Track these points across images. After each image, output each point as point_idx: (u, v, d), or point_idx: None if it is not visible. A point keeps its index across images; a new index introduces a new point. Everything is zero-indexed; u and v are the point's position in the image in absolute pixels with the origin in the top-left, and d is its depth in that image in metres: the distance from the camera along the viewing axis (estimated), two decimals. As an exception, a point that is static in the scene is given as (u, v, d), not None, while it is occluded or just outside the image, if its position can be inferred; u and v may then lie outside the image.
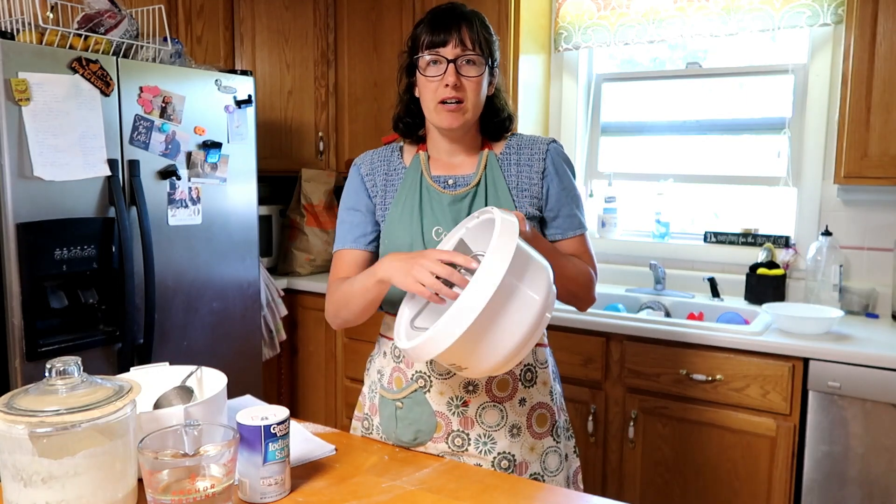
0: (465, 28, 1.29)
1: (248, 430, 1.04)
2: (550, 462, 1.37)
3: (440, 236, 1.33)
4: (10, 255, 1.93)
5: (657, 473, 2.25)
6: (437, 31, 1.29)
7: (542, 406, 1.36)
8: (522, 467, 1.33)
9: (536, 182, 1.36)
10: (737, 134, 2.76)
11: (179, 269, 2.35)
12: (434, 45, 1.29)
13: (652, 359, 2.21)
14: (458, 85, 1.29)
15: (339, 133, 3.27)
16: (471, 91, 1.30)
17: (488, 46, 1.33)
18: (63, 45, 2.04)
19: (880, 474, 1.94)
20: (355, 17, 3.14)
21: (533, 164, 1.37)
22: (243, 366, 2.60)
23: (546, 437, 1.37)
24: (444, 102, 1.29)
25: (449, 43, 1.28)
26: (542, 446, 1.36)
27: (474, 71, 1.30)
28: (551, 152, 1.38)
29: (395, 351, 1.38)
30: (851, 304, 2.41)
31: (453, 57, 1.28)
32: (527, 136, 1.42)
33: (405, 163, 1.43)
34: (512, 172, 1.37)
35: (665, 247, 2.82)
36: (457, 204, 1.34)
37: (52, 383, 0.97)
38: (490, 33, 1.35)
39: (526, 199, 1.36)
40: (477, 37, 1.30)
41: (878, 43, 2.11)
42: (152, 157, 2.23)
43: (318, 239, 3.23)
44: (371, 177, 1.44)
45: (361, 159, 1.48)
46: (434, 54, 1.29)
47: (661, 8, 2.68)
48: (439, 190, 1.36)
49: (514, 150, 1.39)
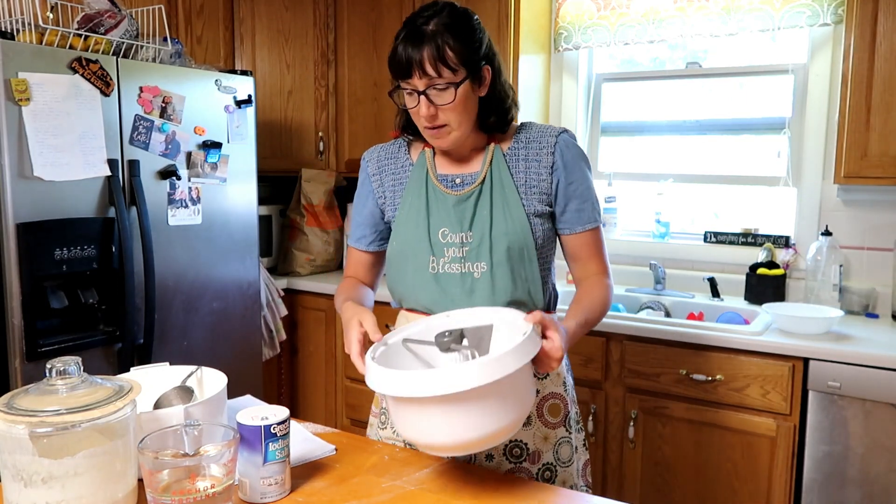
0: (428, 53, 1.21)
1: (248, 430, 1.04)
2: (563, 452, 1.37)
3: (446, 238, 1.32)
4: (10, 255, 1.93)
5: (657, 473, 2.25)
6: (399, 63, 1.23)
7: (554, 396, 1.37)
8: (535, 456, 1.34)
9: (545, 178, 1.32)
10: (737, 134, 2.76)
11: (179, 269, 2.35)
12: (401, 74, 1.24)
13: (652, 359, 2.21)
14: (433, 114, 1.25)
15: (339, 133, 3.27)
16: (450, 113, 1.25)
17: (462, 58, 1.23)
18: (63, 45, 2.04)
19: (880, 474, 1.94)
20: (355, 17, 3.14)
21: (541, 158, 1.33)
22: (243, 366, 2.60)
23: (559, 427, 1.37)
24: (430, 128, 1.28)
25: (413, 73, 1.22)
26: (556, 436, 1.36)
27: (447, 97, 1.24)
28: (560, 145, 1.33)
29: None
30: (851, 304, 2.41)
31: (423, 87, 1.23)
32: (537, 126, 1.37)
33: (412, 159, 1.41)
34: (520, 168, 1.33)
35: (665, 247, 2.82)
36: (462, 204, 1.33)
37: (52, 383, 0.97)
38: (464, 41, 1.23)
39: (534, 195, 1.32)
40: (442, 57, 1.21)
41: (878, 43, 2.11)
42: (152, 157, 2.23)
43: (318, 239, 3.23)
44: (378, 177, 1.44)
45: (370, 155, 1.47)
46: (406, 83, 1.25)
47: (661, 8, 2.68)
48: (444, 190, 1.35)
49: (523, 145, 1.34)
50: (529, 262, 1.31)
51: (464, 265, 1.31)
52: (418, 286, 1.35)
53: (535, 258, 1.32)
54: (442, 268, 1.33)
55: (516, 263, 1.30)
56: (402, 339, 1.16)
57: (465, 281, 1.31)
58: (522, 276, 1.31)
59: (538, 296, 1.34)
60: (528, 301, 1.33)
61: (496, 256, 1.29)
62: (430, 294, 1.34)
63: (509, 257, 1.29)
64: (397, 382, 0.98)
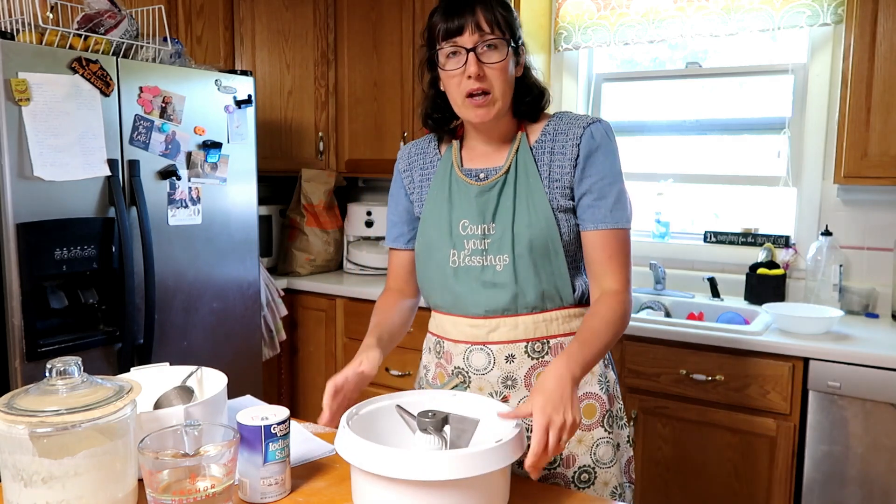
0: (481, 10, 1.19)
1: (248, 430, 1.04)
2: (602, 453, 1.29)
3: (466, 230, 1.28)
4: (10, 255, 1.93)
5: (657, 473, 2.25)
6: (451, 18, 1.20)
7: (590, 396, 1.30)
8: (569, 461, 1.28)
9: (569, 171, 1.26)
10: (737, 134, 2.76)
11: (179, 269, 2.35)
12: (450, 33, 1.21)
13: (652, 359, 2.21)
14: (481, 75, 1.20)
15: (339, 133, 3.27)
16: (496, 79, 1.21)
17: (509, 26, 1.22)
18: (63, 45, 2.04)
19: (880, 474, 1.94)
20: (355, 17, 3.14)
21: (566, 151, 1.26)
22: (243, 366, 2.60)
23: (595, 427, 1.30)
24: (471, 96, 1.22)
25: (465, 30, 1.19)
26: (592, 438, 1.29)
27: (497, 56, 1.21)
28: (586, 136, 1.25)
29: (436, 347, 1.37)
30: (851, 303, 2.41)
31: (472, 45, 1.19)
32: (568, 117, 1.30)
33: (441, 153, 1.39)
34: (545, 161, 1.27)
35: (665, 247, 2.82)
36: (484, 195, 1.28)
37: (52, 383, 0.97)
38: (509, 11, 1.24)
39: (558, 189, 1.26)
40: (495, 17, 1.20)
41: (878, 43, 2.11)
42: (152, 157, 2.23)
43: (318, 239, 3.23)
44: (408, 172, 1.42)
45: (402, 151, 1.46)
46: (452, 44, 1.21)
47: (661, 8, 2.68)
48: (467, 181, 1.30)
49: (550, 137, 1.28)
50: (555, 255, 1.25)
51: (485, 258, 1.27)
52: (438, 282, 1.32)
53: (562, 253, 1.25)
54: (462, 261, 1.28)
55: (540, 257, 1.24)
56: (395, 405, 1.14)
57: (486, 274, 1.27)
58: (548, 270, 1.25)
59: (566, 290, 1.27)
60: (554, 295, 1.27)
61: (518, 249, 1.24)
62: (448, 290, 1.30)
63: (532, 250, 1.24)
64: (361, 453, 0.95)
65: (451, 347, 1.33)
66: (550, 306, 1.28)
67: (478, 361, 1.29)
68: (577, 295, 1.30)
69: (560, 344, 1.28)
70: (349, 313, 2.93)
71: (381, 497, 0.95)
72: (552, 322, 1.28)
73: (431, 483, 0.92)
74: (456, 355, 1.32)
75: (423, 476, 0.91)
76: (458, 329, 1.31)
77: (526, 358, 1.28)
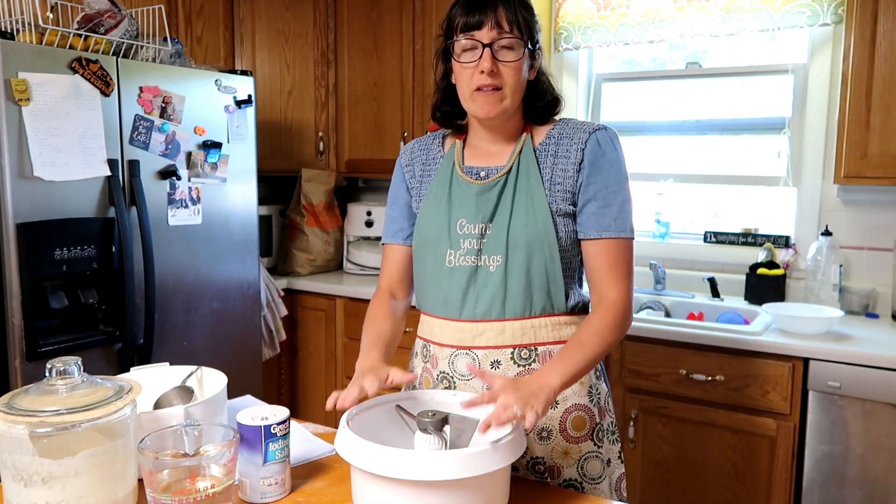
0: (503, 8, 1.20)
1: (248, 430, 1.04)
2: (590, 468, 1.26)
3: (463, 229, 1.26)
4: (10, 255, 1.93)
5: (657, 473, 2.25)
6: (472, 12, 1.20)
7: (579, 408, 1.26)
8: (555, 472, 1.25)
9: (572, 175, 1.24)
10: (736, 134, 2.76)
11: (179, 269, 2.35)
12: (469, 27, 1.21)
13: (652, 359, 2.21)
14: (494, 71, 1.20)
15: (339, 133, 3.27)
16: (509, 77, 1.21)
17: (528, 28, 1.23)
18: (63, 45, 2.04)
19: (880, 474, 1.94)
20: (355, 17, 3.14)
21: (570, 155, 1.25)
22: (243, 366, 2.60)
23: (584, 441, 1.26)
24: (481, 89, 1.21)
25: (484, 25, 1.20)
26: (580, 451, 1.26)
27: (512, 55, 1.21)
28: (591, 142, 1.24)
29: (423, 351, 1.36)
30: (851, 303, 2.41)
31: (489, 41, 1.20)
32: (573, 123, 1.29)
33: (444, 151, 1.38)
34: (548, 164, 1.26)
35: (665, 247, 2.82)
36: (484, 194, 1.26)
37: (52, 383, 0.97)
38: (531, 13, 1.25)
39: (559, 193, 1.24)
40: (515, 17, 1.21)
41: (878, 43, 2.11)
42: (152, 157, 2.23)
43: (318, 239, 3.23)
44: (410, 167, 1.41)
45: (405, 148, 1.45)
46: (469, 38, 1.21)
47: (661, 8, 2.68)
48: (468, 180, 1.28)
49: (555, 140, 1.27)
50: (551, 260, 1.23)
51: (479, 258, 1.25)
52: (432, 281, 1.30)
53: (558, 258, 1.23)
54: (458, 261, 1.26)
55: (535, 260, 1.22)
56: (395, 405, 1.13)
57: (478, 274, 1.25)
58: (541, 275, 1.23)
59: (558, 297, 1.25)
60: (545, 302, 1.24)
61: (513, 250, 1.22)
62: (441, 290, 1.28)
63: (527, 252, 1.22)
64: (361, 453, 0.95)
65: (437, 351, 1.31)
66: (540, 312, 1.25)
67: (463, 367, 1.27)
68: (571, 304, 1.27)
69: (549, 352, 1.25)
70: (349, 313, 2.93)
71: (381, 497, 0.95)
72: (541, 329, 1.25)
73: (431, 483, 0.92)
74: (441, 360, 1.30)
75: (423, 476, 0.91)
76: (445, 333, 1.29)
77: (512, 364, 1.24)
